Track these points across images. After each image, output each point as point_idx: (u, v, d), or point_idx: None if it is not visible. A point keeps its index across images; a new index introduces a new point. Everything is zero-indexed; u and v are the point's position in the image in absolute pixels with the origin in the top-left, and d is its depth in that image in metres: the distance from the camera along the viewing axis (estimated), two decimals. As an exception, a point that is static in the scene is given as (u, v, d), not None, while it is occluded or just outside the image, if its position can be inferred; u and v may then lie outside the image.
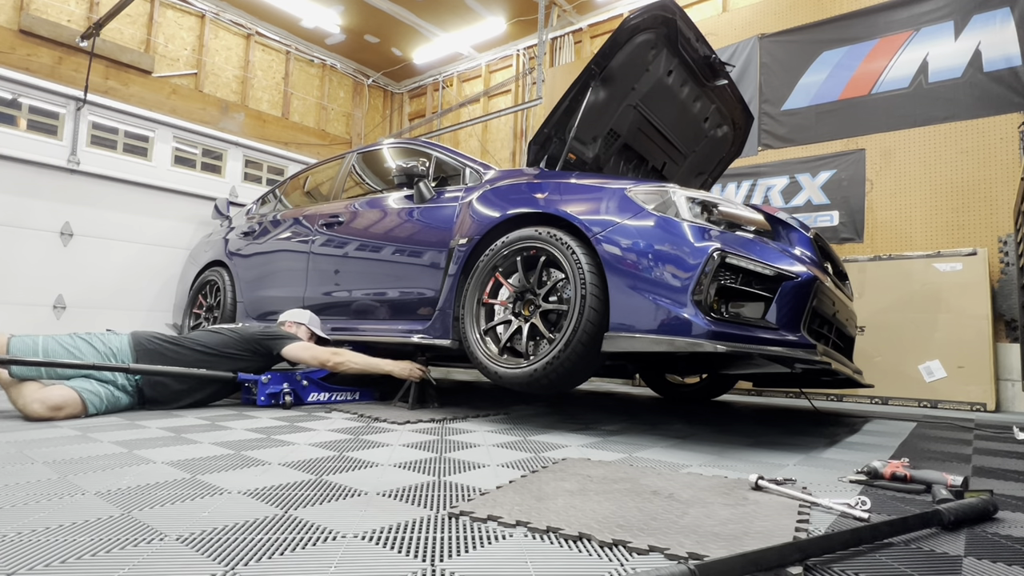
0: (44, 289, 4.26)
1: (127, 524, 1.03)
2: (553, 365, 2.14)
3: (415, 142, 3.50)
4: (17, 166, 4.24)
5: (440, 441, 1.96)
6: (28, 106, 4.68)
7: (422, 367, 2.84)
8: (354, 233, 3.28)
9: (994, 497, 1.22)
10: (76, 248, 4.46)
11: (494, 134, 7.92)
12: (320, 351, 2.78)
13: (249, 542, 0.95)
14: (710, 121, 3.43)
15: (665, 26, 2.77)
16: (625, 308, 2.05)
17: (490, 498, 1.23)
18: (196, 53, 7.05)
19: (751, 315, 2.00)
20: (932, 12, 4.48)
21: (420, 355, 2.88)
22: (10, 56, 5.55)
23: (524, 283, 2.40)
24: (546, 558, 0.92)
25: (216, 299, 4.16)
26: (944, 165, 4.29)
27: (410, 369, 2.80)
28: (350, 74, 8.80)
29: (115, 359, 2.44)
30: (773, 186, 5.04)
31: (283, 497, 1.23)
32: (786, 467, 1.70)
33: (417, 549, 0.94)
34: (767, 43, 5.23)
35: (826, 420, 2.98)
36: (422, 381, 2.84)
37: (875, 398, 4.06)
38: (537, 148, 2.97)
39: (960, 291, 3.88)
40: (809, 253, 2.40)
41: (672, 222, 2.06)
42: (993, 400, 3.71)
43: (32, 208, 4.28)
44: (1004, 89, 4.14)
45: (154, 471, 1.43)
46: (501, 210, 2.56)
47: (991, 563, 0.94)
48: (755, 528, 1.06)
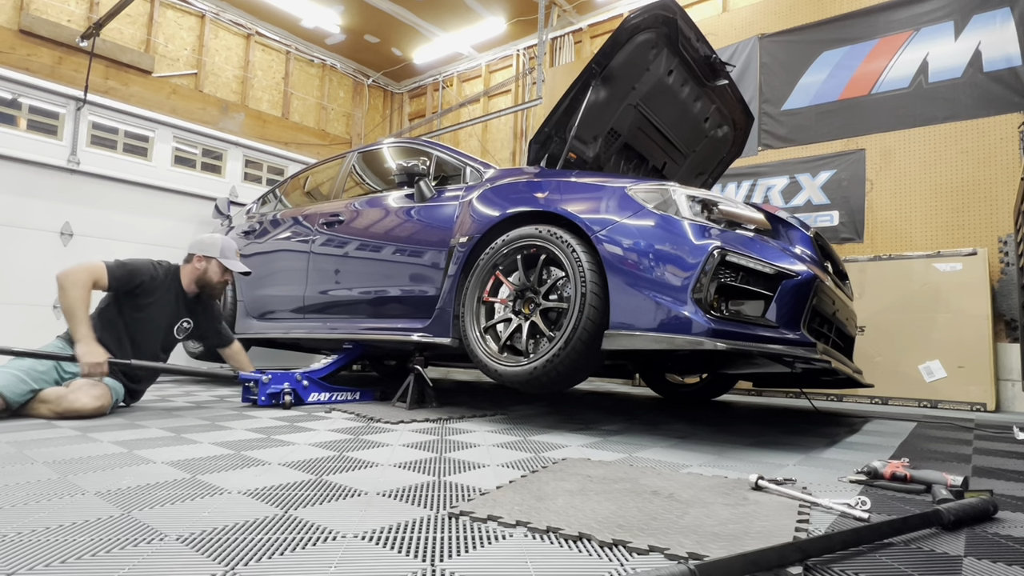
0: (44, 289, 4.26)
1: (127, 524, 1.03)
2: (553, 363, 2.14)
3: (415, 141, 3.50)
4: (17, 166, 4.24)
5: (440, 441, 1.96)
6: (28, 106, 4.68)
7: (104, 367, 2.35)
8: (354, 232, 3.28)
9: (994, 497, 1.22)
10: (76, 248, 4.46)
11: (494, 134, 7.92)
12: (75, 274, 2.36)
13: (249, 542, 0.95)
14: (710, 121, 3.43)
15: (666, 26, 2.76)
16: (625, 306, 2.05)
17: (490, 498, 1.23)
18: (196, 53, 7.04)
19: (751, 313, 2.00)
20: (932, 12, 4.47)
21: (420, 353, 2.88)
22: (10, 56, 5.55)
23: (524, 281, 2.40)
24: (546, 558, 0.92)
25: (216, 299, 4.15)
26: (944, 165, 4.29)
27: (89, 366, 2.31)
28: (350, 74, 8.79)
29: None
30: (773, 186, 5.04)
31: (283, 497, 1.23)
32: (786, 467, 1.70)
33: (417, 549, 0.94)
34: (767, 43, 5.23)
35: (826, 420, 2.98)
36: (420, 380, 2.81)
37: (875, 398, 4.05)
38: (538, 147, 2.97)
39: (960, 291, 3.88)
40: (809, 252, 2.39)
41: (672, 220, 2.06)
42: (993, 400, 3.71)
43: (32, 208, 4.28)
44: (1004, 89, 4.14)
45: (154, 471, 1.43)
46: (501, 209, 2.56)
47: (991, 563, 0.94)
48: (755, 528, 1.06)
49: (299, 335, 3.45)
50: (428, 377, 2.85)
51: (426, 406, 2.81)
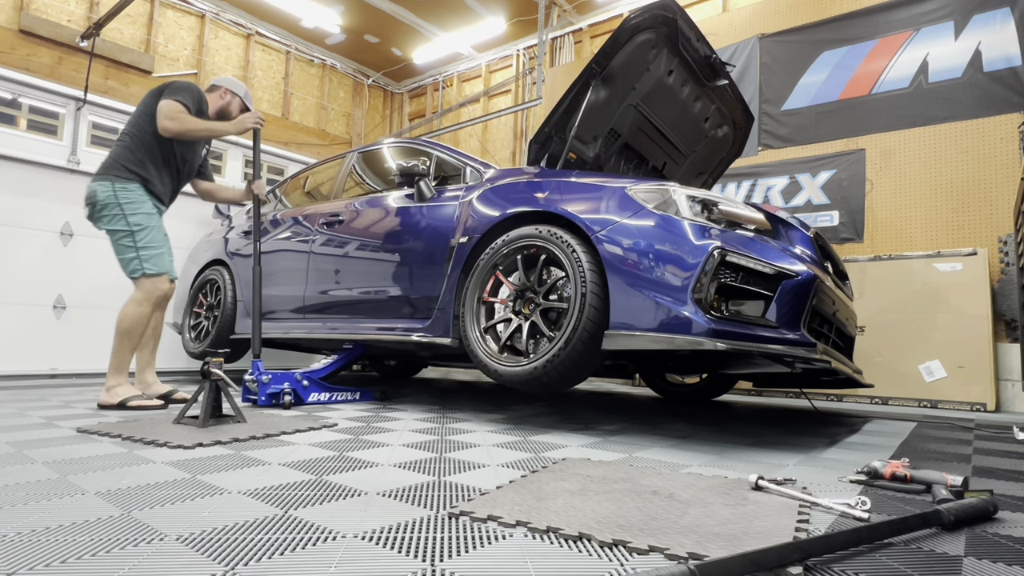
0: (44, 289, 4.25)
1: (127, 524, 1.03)
2: (553, 363, 2.14)
3: (416, 141, 3.50)
4: (17, 166, 4.24)
5: (440, 441, 1.96)
6: (28, 106, 4.68)
7: (259, 121, 2.97)
8: (354, 232, 3.28)
9: (994, 497, 1.22)
10: (76, 248, 4.45)
11: (494, 134, 7.92)
12: (171, 116, 2.72)
13: (249, 542, 0.95)
14: (711, 121, 3.43)
15: (666, 26, 2.76)
16: (625, 306, 2.05)
17: (490, 498, 1.23)
18: (196, 53, 7.04)
19: (751, 313, 2.00)
20: (932, 12, 4.47)
21: (420, 353, 2.87)
22: (10, 56, 5.55)
23: (524, 281, 2.40)
24: (546, 558, 0.92)
25: (216, 298, 4.16)
26: (944, 165, 4.29)
27: (247, 122, 2.93)
28: (350, 74, 8.79)
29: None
30: (773, 186, 5.04)
31: (283, 497, 1.23)
32: (786, 467, 1.70)
33: (417, 549, 0.94)
34: (767, 43, 5.23)
35: (826, 420, 2.98)
36: (216, 388, 2.14)
37: (875, 398, 4.05)
38: (538, 147, 2.97)
39: (960, 291, 3.88)
40: (809, 252, 2.39)
41: (672, 220, 2.06)
42: (993, 400, 3.71)
43: (32, 208, 4.27)
44: (1004, 89, 4.13)
45: (154, 471, 1.43)
46: (501, 209, 2.56)
47: (991, 563, 0.94)
48: (755, 528, 1.06)
49: (299, 335, 3.45)
50: (229, 381, 2.17)
51: (228, 421, 2.15)
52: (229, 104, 3.07)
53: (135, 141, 2.79)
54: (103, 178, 2.73)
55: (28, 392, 3.26)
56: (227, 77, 3.19)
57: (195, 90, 2.89)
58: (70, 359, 4.34)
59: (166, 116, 2.72)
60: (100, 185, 2.72)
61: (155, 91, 2.84)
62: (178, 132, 2.76)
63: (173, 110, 2.73)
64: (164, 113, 2.73)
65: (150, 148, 2.81)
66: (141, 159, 2.78)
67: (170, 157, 2.90)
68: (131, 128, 2.81)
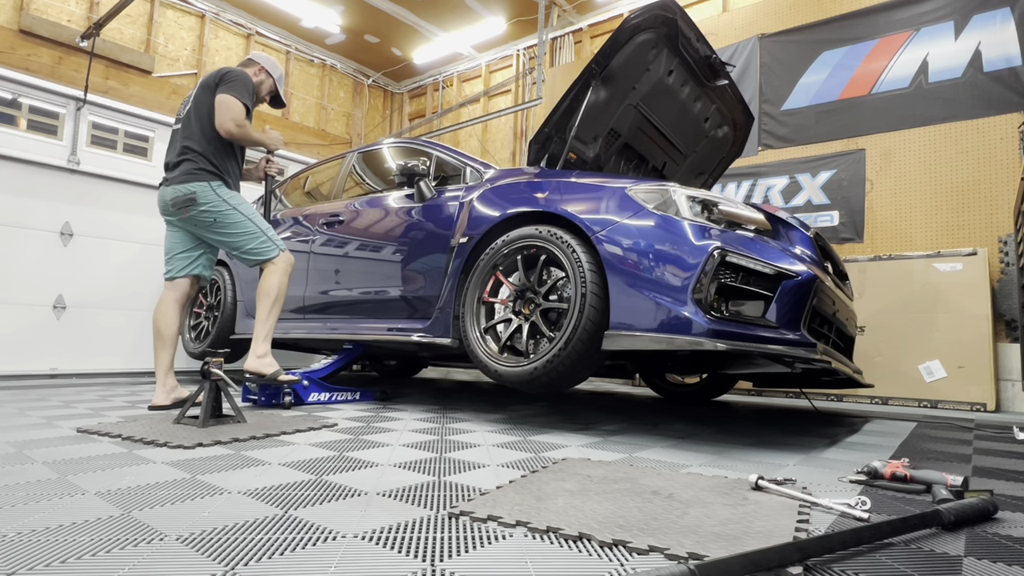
0: (44, 289, 4.25)
1: (127, 524, 1.03)
2: (553, 363, 2.14)
3: (416, 141, 3.50)
4: (17, 166, 4.24)
5: (440, 441, 1.96)
6: (28, 106, 4.68)
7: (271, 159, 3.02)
8: (354, 232, 3.28)
9: (994, 497, 1.22)
10: (76, 248, 4.45)
11: (494, 134, 7.92)
12: (239, 122, 2.65)
13: (249, 542, 0.95)
14: (711, 121, 3.43)
15: (666, 26, 2.76)
16: (625, 306, 2.05)
17: (490, 498, 1.23)
18: (196, 53, 7.05)
19: (751, 314, 2.00)
20: (932, 12, 4.47)
21: (420, 353, 2.87)
22: (10, 56, 5.55)
23: (524, 282, 2.40)
24: (546, 558, 0.92)
25: (216, 298, 4.16)
26: (944, 165, 4.29)
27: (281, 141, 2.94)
28: (350, 74, 8.80)
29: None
30: (773, 186, 5.04)
31: (283, 497, 1.23)
32: (786, 467, 1.70)
33: (417, 549, 0.94)
34: (767, 43, 5.23)
35: (826, 420, 2.98)
36: (216, 388, 2.14)
37: (875, 398, 4.05)
38: (538, 147, 2.97)
39: (960, 291, 3.88)
40: (809, 252, 2.39)
41: (672, 221, 2.06)
42: (993, 400, 3.71)
43: (32, 208, 4.27)
44: (1004, 89, 4.14)
45: (154, 471, 1.43)
46: (501, 209, 2.56)
47: (991, 563, 0.94)
48: (755, 528, 1.06)
49: (299, 335, 3.45)
50: (229, 380, 2.15)
51: (228, 421, 2.15)
52: (261, 84, 2.94)
53: (210, 143, 2.70)
54: (195, 179, 2.65)
55: (28, 392, 3.27)
56: (265, 55, 3.03)
57: (250, 83, 2.79)
58: (70, 359, 4.34)
59: (232, 119, 2.63)
60: (197, 185, 2.65)
61: (210, 85, 2.72)
62: (239, 138, 2.69)
63: (240, 115, 2.65)
64: (231, 115, 2.63)
65: (223, 147, 2.75)
66: (220, 160, 2.73)
67: (236, 147, 2.86)
68: (197, 129, 2.70)
